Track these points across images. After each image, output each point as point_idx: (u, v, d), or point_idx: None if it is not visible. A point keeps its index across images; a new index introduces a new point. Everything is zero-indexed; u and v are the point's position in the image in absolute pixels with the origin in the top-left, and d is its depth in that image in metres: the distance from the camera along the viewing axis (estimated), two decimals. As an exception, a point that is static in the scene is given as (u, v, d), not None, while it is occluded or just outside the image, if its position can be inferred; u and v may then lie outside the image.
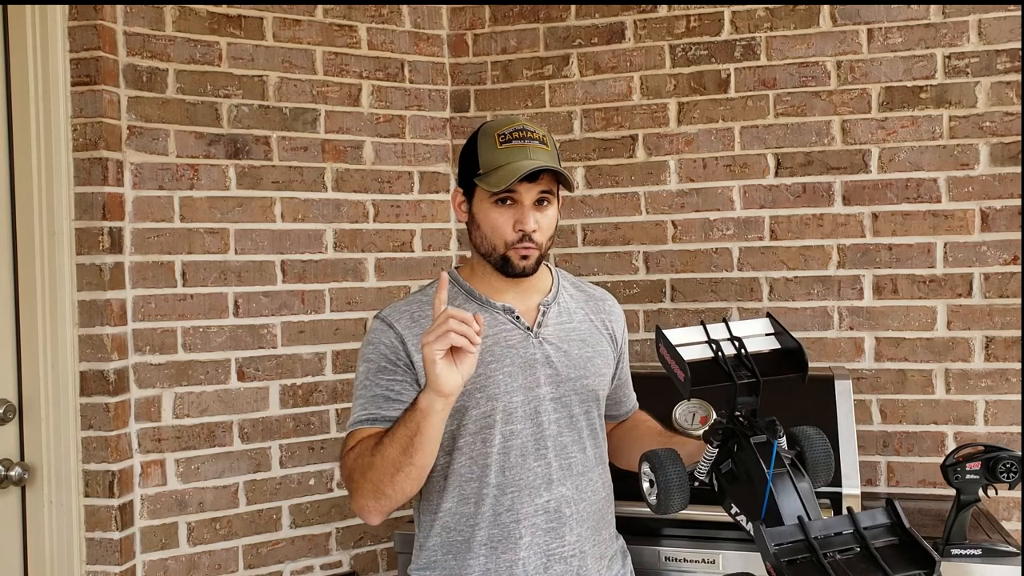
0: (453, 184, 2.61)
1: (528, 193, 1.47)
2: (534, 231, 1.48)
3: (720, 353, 1.30)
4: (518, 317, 1.54)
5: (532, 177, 1.46)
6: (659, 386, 1.60)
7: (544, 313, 1.56)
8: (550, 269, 1.65)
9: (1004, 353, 2.30)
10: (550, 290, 1.60)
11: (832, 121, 2.41)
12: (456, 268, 1.62)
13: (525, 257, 1.49)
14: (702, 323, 1.33)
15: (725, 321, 1.33)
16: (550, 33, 2.62)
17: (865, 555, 1.08)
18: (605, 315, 1.66)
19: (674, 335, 1.32)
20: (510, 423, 1.49)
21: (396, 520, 2.32)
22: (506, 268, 1.50)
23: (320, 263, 2.46)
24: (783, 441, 1.29)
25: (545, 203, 1.50)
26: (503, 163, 1.45)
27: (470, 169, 1.52)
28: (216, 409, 2.31)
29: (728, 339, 1.32)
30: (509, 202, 1.48)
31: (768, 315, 1.38)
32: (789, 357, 1.32)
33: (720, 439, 1.29)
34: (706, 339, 1.32)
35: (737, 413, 1.28)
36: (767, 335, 1.35)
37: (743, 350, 1.31)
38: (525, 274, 1.51)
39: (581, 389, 1.55)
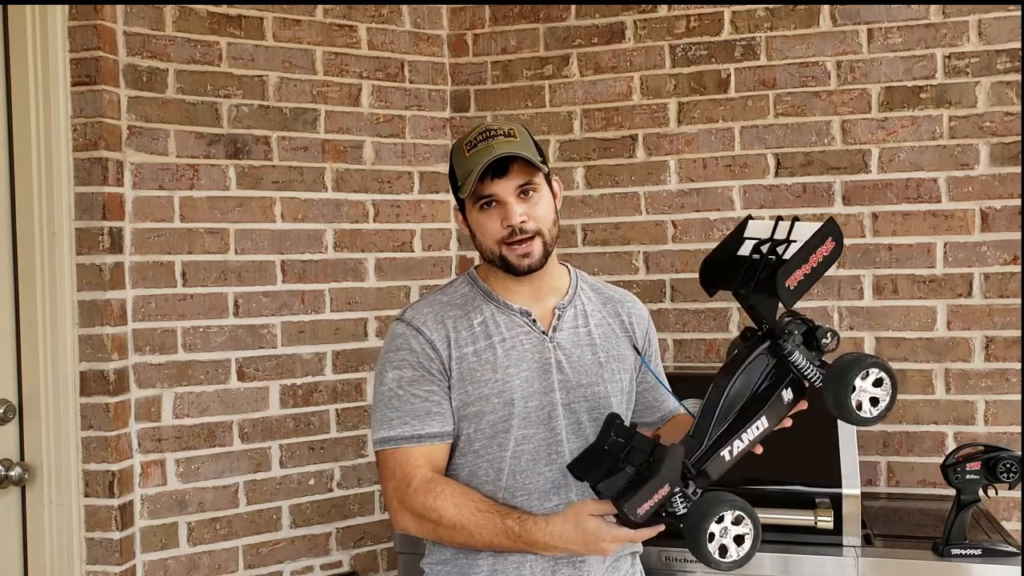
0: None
1: (504, 189, 1.46)
2: (523, 221, 1.46)
3: (756, 255, 1.34)
4: (535, 320, 1.53)
5: (502, 171, 1.45)
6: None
7: (559, 316, 1.55)
8: (568, 269, 1.63)
9: (1004, 353, 2.30)
10: (566, 292, 1.58)
11: (832, 121, 2.41)
12: (476, 268, 1.61)
13: (525, 255, 1.47)
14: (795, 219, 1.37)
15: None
16: (550, 33, 2.62)
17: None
18: (625, 316, 1.62)
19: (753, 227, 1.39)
20: (524, 427, 1.49)
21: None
22: (509, 268, 1.49)
23: (320, 263, 2.46)
24: (792, 353, 1.33)
25: (530, 192, 1.48)
26: (471, 168, 1.45)
27: (454, 186, 1.53)
28: (216, 409, 2.31)
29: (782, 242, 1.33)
30: (494, 204, 1.47)
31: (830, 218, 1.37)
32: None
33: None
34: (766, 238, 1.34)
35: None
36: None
37: (772, 256, 1.31)
38: (532, 270, 1.49)
39: (591, 396, 1.53)
